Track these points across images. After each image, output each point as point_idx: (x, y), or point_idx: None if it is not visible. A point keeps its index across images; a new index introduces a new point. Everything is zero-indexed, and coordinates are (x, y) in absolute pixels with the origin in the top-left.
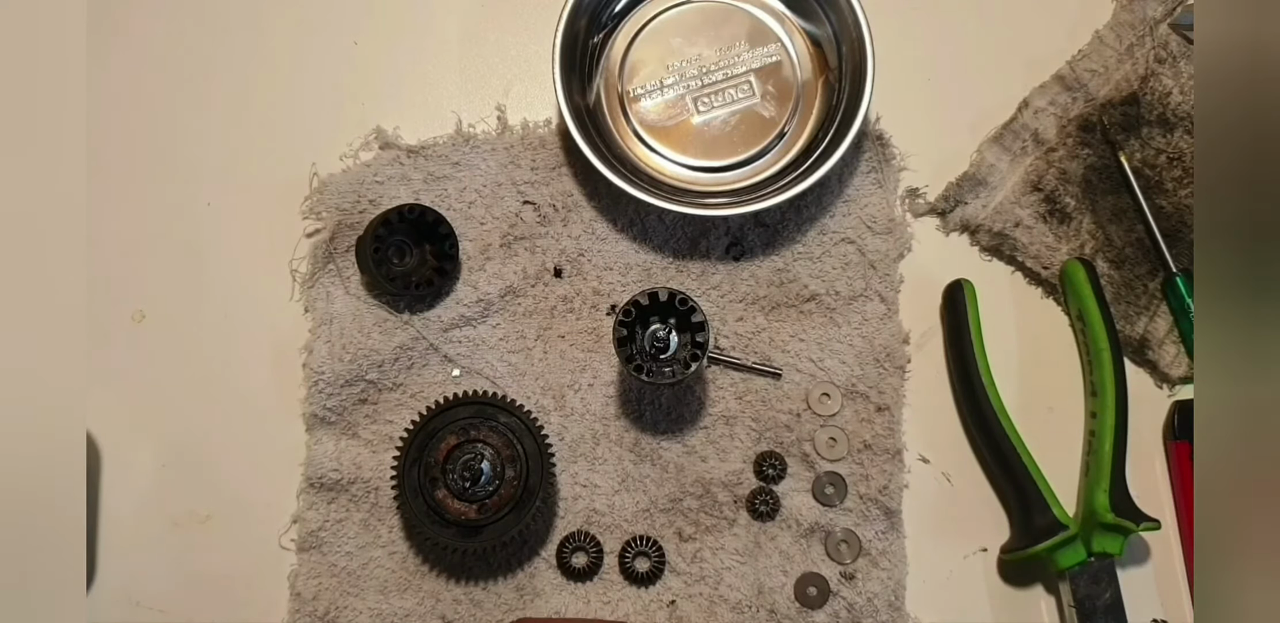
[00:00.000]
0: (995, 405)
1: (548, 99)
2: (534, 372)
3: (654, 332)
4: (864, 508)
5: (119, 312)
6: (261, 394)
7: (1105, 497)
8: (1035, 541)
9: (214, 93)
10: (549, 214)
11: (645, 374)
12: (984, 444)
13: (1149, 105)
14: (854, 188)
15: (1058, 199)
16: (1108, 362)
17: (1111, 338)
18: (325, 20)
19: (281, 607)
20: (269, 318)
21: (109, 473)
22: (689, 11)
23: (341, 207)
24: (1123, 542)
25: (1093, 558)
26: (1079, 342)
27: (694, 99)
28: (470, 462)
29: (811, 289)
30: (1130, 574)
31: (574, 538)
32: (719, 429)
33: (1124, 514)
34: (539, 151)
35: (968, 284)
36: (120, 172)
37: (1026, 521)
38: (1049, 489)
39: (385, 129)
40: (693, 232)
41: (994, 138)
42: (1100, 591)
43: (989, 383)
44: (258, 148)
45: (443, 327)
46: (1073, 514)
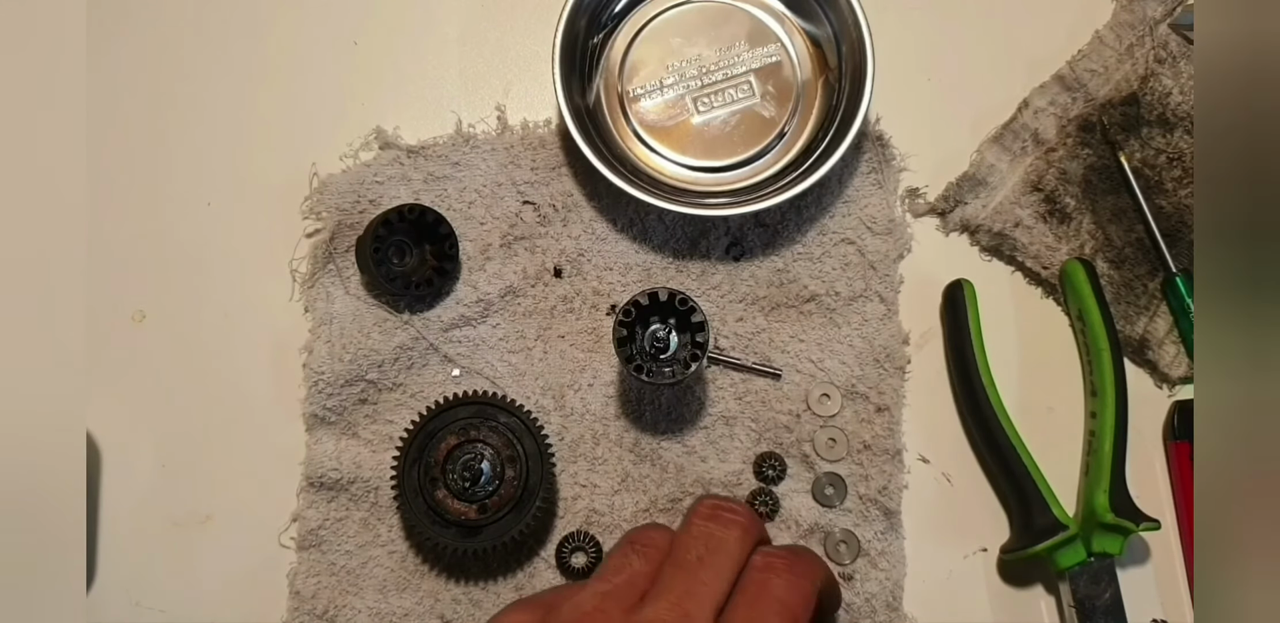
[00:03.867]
0: (995, 405)
1: (548, 99)
2: (534, 372)
3: (654, 332)
4: (863, 509)
5: (119, 312)
6: (261, 394)
7: (1105, 497)
8: (1035, 540)
9: (214, 92)
10: (549, 214)
11: (645, 374)
12: (983, 444)
13: (1149, 105)
14: (854, 188)
15: (1058, 199)
16: (1108, 362)
17: (1111, 338)
18: (325, 20)
19: (281, 607)
20: (269, 318)
21: (109, 473)
22: (689, 11)
23: (341, 207)
24: (1123, 542)
25: (1092, 558)
26: (1079, 342)
27: (694, 99)
28: (470, 462)
29: (811, 290)
30: (1130, 574)
31: (573, 538)
32: (719, 430)
33: (1124, 514)
34: (539, 151)
35: (968, 284)
36: (120, 171)
37: (1026, 521)
38: (1049, 489)
39: (385, 129)
40: (693, 232)
41: (994, 138)
42: (1100, 591)
43: (989, 383)
44: (258, 148)
45: (443, 327)
46: (1073, 514)
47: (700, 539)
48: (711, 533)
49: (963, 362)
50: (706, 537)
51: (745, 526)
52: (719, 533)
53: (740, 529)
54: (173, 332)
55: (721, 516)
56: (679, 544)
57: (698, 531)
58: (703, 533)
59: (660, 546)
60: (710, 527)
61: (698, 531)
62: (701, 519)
